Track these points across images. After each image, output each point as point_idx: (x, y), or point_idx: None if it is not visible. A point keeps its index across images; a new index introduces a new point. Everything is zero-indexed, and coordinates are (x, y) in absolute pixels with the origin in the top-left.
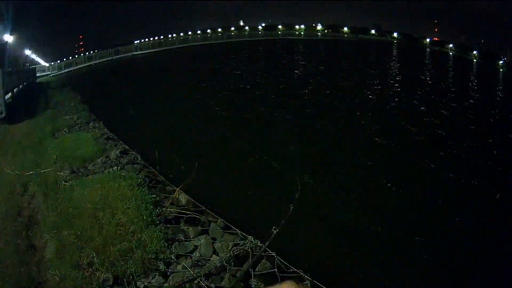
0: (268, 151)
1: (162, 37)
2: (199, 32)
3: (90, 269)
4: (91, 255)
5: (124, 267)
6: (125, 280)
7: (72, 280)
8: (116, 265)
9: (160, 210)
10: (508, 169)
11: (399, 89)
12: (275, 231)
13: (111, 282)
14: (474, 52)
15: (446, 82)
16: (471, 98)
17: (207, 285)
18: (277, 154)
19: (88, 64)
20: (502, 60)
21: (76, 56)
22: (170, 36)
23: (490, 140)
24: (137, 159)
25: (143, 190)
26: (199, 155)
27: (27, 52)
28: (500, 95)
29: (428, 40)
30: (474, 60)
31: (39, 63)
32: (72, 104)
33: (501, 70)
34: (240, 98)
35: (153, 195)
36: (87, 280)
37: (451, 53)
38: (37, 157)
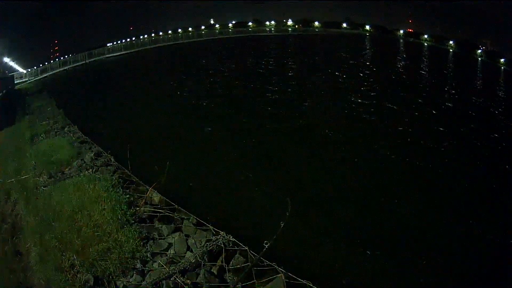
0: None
1: (134, 38)
2: (170, 32)
3: (72, 271)
4: (72, 258)
5: (103, 267)
6: (105, 280)
7: (56, 283)
8: (95, 265)
9: (134, 210)
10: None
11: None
12: (266, 245)
13: (92, 283)
14: (451, 42)
15: (421, 71)
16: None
17: (183, 282)
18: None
19: (63, 69)
20: (480, 49)
21: (52, 61)
22: (141, 37)
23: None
24: (111, 160)
25: (118, 191)
26: (171, 155)
27: (6, 59)
28: (479, 82)
29: (402, 31)
30: (451, 50)
31: (17, 70)
32: (48, 109)
33: (479, 59)
34: (205, 98)
35: (127, 196)
36: (70, 282)
37: (426, 44)
38: (17, 164)
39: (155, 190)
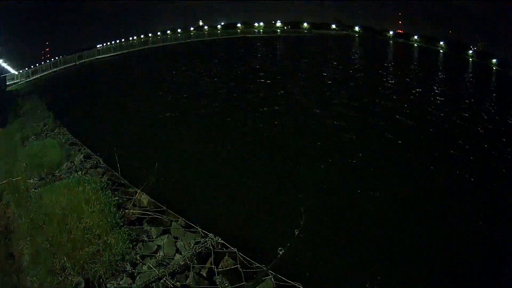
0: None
1: (123, 40)
2: (159, 33)
3: (63, 274)
4: (63, 260)
5: (93, 270)
6: (95, 283)
7: (48, 286)
8: (86, 268)
9: (123, 212)
10: None
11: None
12: (280, 252)
13: (83, 286)
14: (441, 43)
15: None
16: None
17: (173, 284)
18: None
19: (53, 70)
20: (471, 50)
21: (42, 62)
22: (130, 38)
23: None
24: (100, 162)
25: (107, 193)
26: (159, 157)
27: None
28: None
29: (391, 32)
30: (441, 51)
31: (8, 71)
32: (38, 111)
33: (470, 59)
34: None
35: (116, 198)
36: (62, 285)
37: (416, 45)
38: (9, 166)
39: (144, 192)
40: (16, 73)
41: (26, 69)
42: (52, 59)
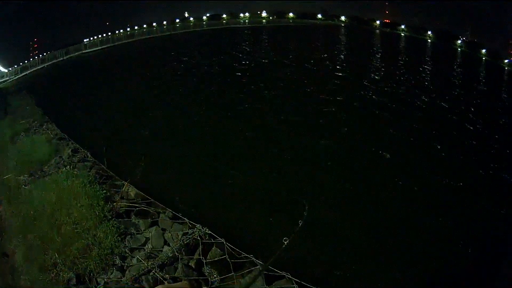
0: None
1: (109, 33)
2: (145, 26)
3: (55, 270)
4: (54, 256)
5: (84, 265)
6: (86, 278)
7: (41, 284)
8: (76, 263)
9: (112, 205)
10: None
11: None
12: (286, 242)
13: (74, 281)
14: (429, 32)
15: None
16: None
17: (162, 276)
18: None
19: (41, 66)
20: (460, 40)
21: (31, 59)
22: (117, 32)
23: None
24: (88, 156)
25: (95, 186)
26: (146, 150)
27: None
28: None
29: (378, 22)
30: (429, 41)
31: None
32: (27, 108)
33: (459, 49)
34: (177, 92)
35: (104, 191)
36: (54, 282)
37: (403, 34)
38: None
39: (131, 184)
40: (6, 71)
41: (16, 66)
42: (40, 55)
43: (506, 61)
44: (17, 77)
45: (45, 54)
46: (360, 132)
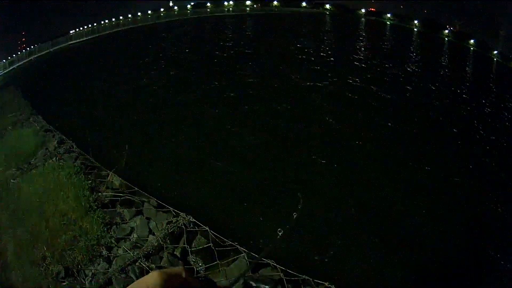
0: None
1: (95, 24)
2: (129, 16)
3: (44, 264)
4: (43, 250)
5: (72, 257)
6: (74, 270)
7: (31, 278)
8: (64, 256)
9: (97, 195)
10: None
11: None
12: (280, 233)
13: (63, 274)
14: (415, 21)
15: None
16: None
17: (148, 266)
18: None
19: (29, 59)
20: (447, 29)
21: (19, 53)
22: (102, 22)
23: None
24: (73, 147)
25: (80, 177)
26: (130, 139)
27: None
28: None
29: (363, 10)
30: (415, 29)
31: None
32: (15, 101)
33: (446, 39)
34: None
35: (89, 181)
36: (44, 275)
37: (388, 23)
38: None
39: (116, 174)
40: None
41: (4, 61)
42: (28, 48)
43: (495, 52)
44: (5, 71)
45: (32, 47)
46: (345, 120)
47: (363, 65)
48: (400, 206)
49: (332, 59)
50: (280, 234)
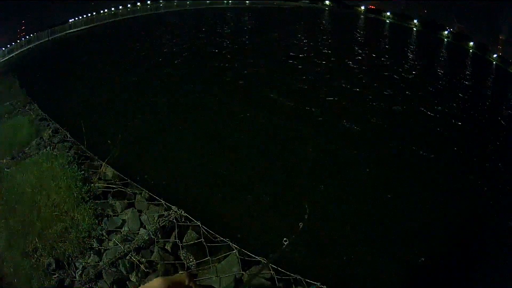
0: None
1: (94, 13)
2: (129, 5)
3: (36, 255)
4: (34, 241)
5: (62, 249)
6: (65, 262)
7: (23, 269)
8: (55, 247)
9: (89, 186)
10: None
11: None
12: (286, 243)
13: (54, 266)
14: (415, 21)
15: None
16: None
17: (138, 260)
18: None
19: (27, 47)
20: (447, 30)
21: (18, 41)
22: (101, 12)
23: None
24: (67, 136)
25: (73, 167)
26: (123, 129)
27: None
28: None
29: (362, 7)
30: (414, 29)
31: None
32: (12, 89)
33: (445, 40)
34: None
35: (82, 172)
36: (35, 267)
37: (388, 21)
38: None
39: (109, 165)
40: None
41: (3, 48)
42: (27, 36)
43: (494, 55)
44: (4, 59)
45: (31, 35)
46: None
47: (357, 65)
48: (396, 203)
49: (330, 54)
50: (285, 243)
